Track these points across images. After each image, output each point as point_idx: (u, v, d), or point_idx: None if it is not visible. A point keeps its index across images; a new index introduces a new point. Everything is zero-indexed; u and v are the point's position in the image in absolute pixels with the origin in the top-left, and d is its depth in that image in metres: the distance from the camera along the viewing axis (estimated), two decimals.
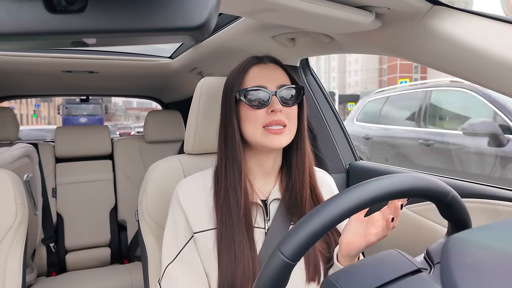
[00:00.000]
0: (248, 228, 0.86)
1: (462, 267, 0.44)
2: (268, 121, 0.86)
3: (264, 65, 0.92)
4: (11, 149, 1.64)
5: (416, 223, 1.18)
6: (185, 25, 0.30)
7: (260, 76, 0.90)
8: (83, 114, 13.94)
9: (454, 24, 0.85)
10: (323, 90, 1.62)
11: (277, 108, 0.85)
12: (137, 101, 8.39)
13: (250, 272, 0.82)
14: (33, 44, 0.32)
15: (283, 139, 0.87)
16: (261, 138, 0.87)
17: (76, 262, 2.43)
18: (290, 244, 0.52)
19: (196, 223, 0.88)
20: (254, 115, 0.87)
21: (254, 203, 0.90)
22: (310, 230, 0.52)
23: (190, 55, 1.82)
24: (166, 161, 1.12)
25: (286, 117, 0.87)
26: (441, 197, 0.58)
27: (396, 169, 1.43)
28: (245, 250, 0.84)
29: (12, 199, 1.02)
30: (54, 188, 2.46)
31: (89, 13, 0.29)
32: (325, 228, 0.52)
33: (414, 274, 0.50)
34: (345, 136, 1.61)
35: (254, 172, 0.94)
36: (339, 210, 0.53)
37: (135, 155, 2.67)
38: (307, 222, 0.53)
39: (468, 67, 0.85)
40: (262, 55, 0.94)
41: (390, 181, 0.55)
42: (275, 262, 0.52)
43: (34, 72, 2.07)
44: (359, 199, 0.53)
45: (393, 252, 0.55)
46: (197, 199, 0.90)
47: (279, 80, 0.89)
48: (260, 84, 0.88)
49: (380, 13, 0.92)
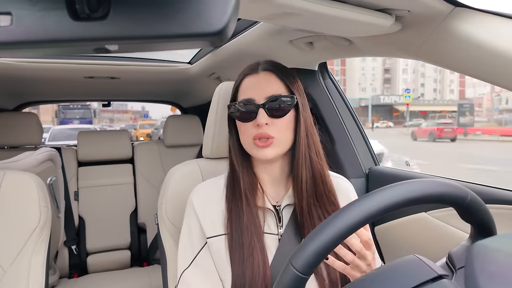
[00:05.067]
0: (257, 232, 0.86)
1: (487, 275, 0.43)
2: (254, 134, 0.86)
3: (256, 76, 0.90)
4: (36, 153, 1.69)
5: (438, 229, 1.15)
6: (204, 31, 0.30)
7: (249, 88, 0.90)
8: (76, 118, 16.88)
9: (476, 26, 0.83)
10: (341, 94, 1.61)
11: (261, 122, 0.85)
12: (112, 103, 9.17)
13: (260, 275, 0.82)
14: (58, 51, 0.33)
15: (269, 151, 0.86)
16: (251, 150, 0.89)
17: (97, 264, 2.47)
18: (301, 257, 0.51)
19: (209, 228, 0.88)
20: (244, 128, 0.89)
21: (265, 208, 0.90)
22: (320, 243, 0.51)
23: (208, 60, 1.84)
24: (185, 165, 1.13)
25: (275, 129, 0.86)
26: (459, 200, 0.56)
27: (416, 174, 1.40)
28: (254, 253, 0.83)
29: (36, 202, 1.05)
30: (76, 192, 2.51)
31: (111, 20, 0.29)
32: (336, 241, 0.51)
33: (435, 281, 0.49)
34: (365, 141, 1.59)
35: (264, 178, 0.94)
36: (351, 221, 0.51)
37: (155, 159, 2.70)
38: (317, 234, 0.52)
39: (490, 69, 0.83)
40: (260, 61, 0.93)
41: (402, 188, 0.53)
42: (287, 276, 0.51)
43: (57, 78, 2.13)
44: (370, 209, 0.52)
45: (413, 258, 0.53)
46: (211, 204, 0.91)
47: (269, 91, 0.87)
48: (249, 97, 0.88)
49: (400, 15, 0.91)
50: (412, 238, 1.25)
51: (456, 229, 1.09)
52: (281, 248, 0.88)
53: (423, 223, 1.20)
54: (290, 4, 0.79)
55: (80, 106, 17.21)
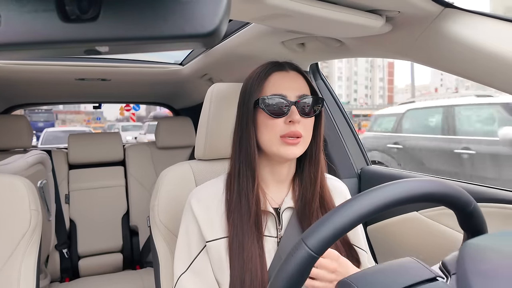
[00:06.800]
0: (258, 236, 0.85)
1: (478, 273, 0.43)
2: (285, 131, 0.84)
3: (286, 73, 0.89)
4: (25, 156, 1.67)
5: (429, 228, 1.16)
6: (196, 32, 0.30)
7: (280, 84, 0.87)
8: (41, 121, 19.21)
9: (465, 26, 0.84)
10: (333, 95, 1.61)
11: (295, 119, 0.84)
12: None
13: (258, 280, 0.81)
14: (48, 53, 0.33)
15: (298, 150, 0.86)
16: (277, 147, 0.86)
17: (88, 267, 2.45)
18: (315, 236, 0.51)
19: (208, 232, 0.87)
20: (272, 124, 0.86)
21: (265, 211, 0.89)
22: (337, 223, 0.51)
23: (200, 61, 1.83)
24: (177, 167, 1.13)
25: (303, 128, 0.86)
26: (464, 206, 0.57)
27: (408, 173, 1.41)
28: (253, 257, 0.83)
29: (27, 205, 1.04)
30: (67, 195, 2.48)
31: (102, 22, 0.29)
32: (352, 223, 0.52)
33: (431, 282, 0.49)
34: (357, 141, 1.60)
35: (267, 180, 0.93)
36: (369, 205, 0.52)
37: (146, 161, 2.69)
38: (334, 214, 0.52)
39: (480, 69, 0.84)
40: (283, 61, 0.92)
41: (419, 185, 0.55)
42: (299, 253, 0.51)
43: (48, 80, 2.11)
44: (392, 197, 0.53)
45: (410, 259, 0.54)
46: (210, 207, 0.89)
47: (300, 90, 0.87)
48: (280, 93, 0.86)
49: (391, 16, 0.91)
50: (404, 237, 1.26)
51: (447, 228, 1.10)
52: (281, 251, 0.87)
53: (415, 222, 1.21)
54: (281, 5, 0.79)
55: (44, 110, 19.90)
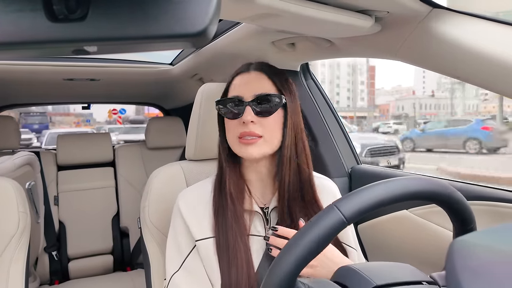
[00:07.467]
0: (241, 234, 0.85)
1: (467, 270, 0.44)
2: (240, 131, 0.85)
3: (247, 74, 0.90)
4: (13, 157, 1.65)
5: (419, 226, 1.17)
6: (186, 31, 0.30)
7: (239, 85, 0.89)
8: (36, 123, 19.91)
9: (454, 27, 0.85)
10: (324, 95, 1.62)
11: (247, 120, 0.84)
12: None
13: (244, 277, 0.82)
14: (35, 53, 0.32)
15: (255, 149, 0.85)
16: (237, 148, 0.87)
17: (78, 270, 2.42)
18: (351, 203, 0.52)
19: (197, 231, 0.88)
20: (230, 125, 0.88)
21: (251, 211, 0.89)
22: (373, 196, 0.53)
23: (190, 61, 1.83)
24: (167, 167, 1.12)
25: (262, 128, 0.85)
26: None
27: (399, 172, 1.43)
28: (238, 254, 0.83)
29: (14, 207, 1.02)
30: (56, 196, 2.45)
31: (90, 21, 0.29)
32: (389, 199, 0.53)
33: (429, 284, 0.51)
34: (347, 140, 1.60)
35: (252, 179, 0.93)
36: (408, 188, 0.55)
37: (137, 162, 2.67)
38: (372, 187, 0.54)
39: (467, 69, 0.85)
40: (254, 62, 0.93)
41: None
42: (331, 216, 0.51)
43: (36, 80, 2.08)
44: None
45: (407, 265, 0.57)
46: (198, 208, 0.90)
47: (259, 89, 0.87)
48: (237, 94, 0.87)
49: (380, 17, 0.92)
50: (394, 235, 1.27)
51: (437, 226, 1.12)
52: (269, 250, 0.87)
53: (405, 221, 1.22)
54: (271, 5, 0.79)
55: (38, 114, 20.74)
